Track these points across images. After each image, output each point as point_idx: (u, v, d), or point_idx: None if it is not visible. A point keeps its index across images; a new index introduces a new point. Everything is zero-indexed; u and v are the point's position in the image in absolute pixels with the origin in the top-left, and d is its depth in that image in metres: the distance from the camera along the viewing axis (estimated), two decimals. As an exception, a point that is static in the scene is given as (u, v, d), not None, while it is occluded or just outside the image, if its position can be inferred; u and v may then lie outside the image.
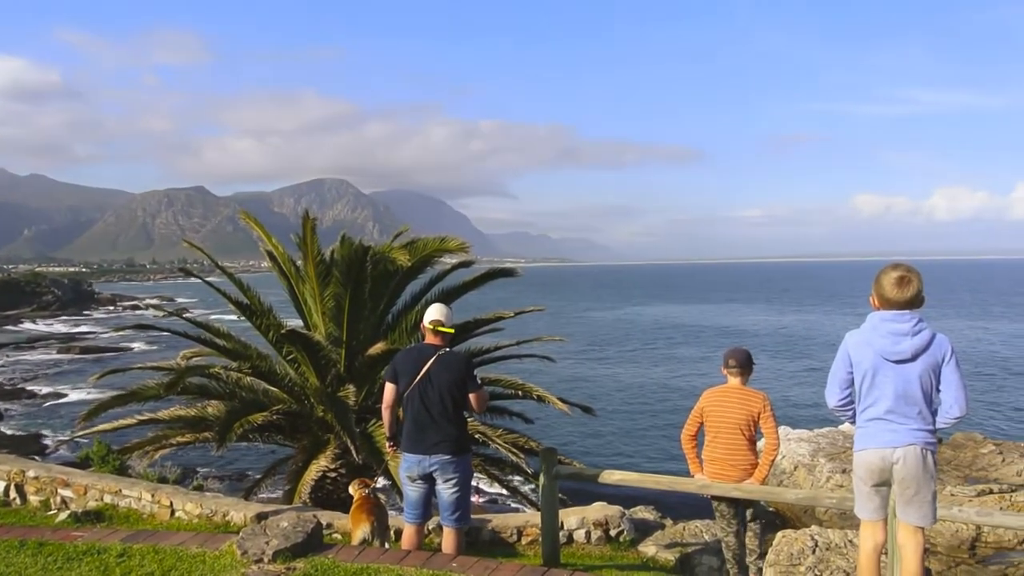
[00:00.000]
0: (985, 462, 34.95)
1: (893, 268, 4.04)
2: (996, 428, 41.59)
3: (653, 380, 56.61)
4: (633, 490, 21.15)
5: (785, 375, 58.19)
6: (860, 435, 4.10)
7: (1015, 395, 51.69)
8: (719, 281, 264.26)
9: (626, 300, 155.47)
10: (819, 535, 8.30)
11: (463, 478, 5.67)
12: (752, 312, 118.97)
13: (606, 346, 76.34)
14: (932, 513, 4.04)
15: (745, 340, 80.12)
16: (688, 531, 8.69)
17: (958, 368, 4.01)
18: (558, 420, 33.25)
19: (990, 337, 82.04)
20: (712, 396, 6.00)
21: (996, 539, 26.91)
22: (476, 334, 12.36)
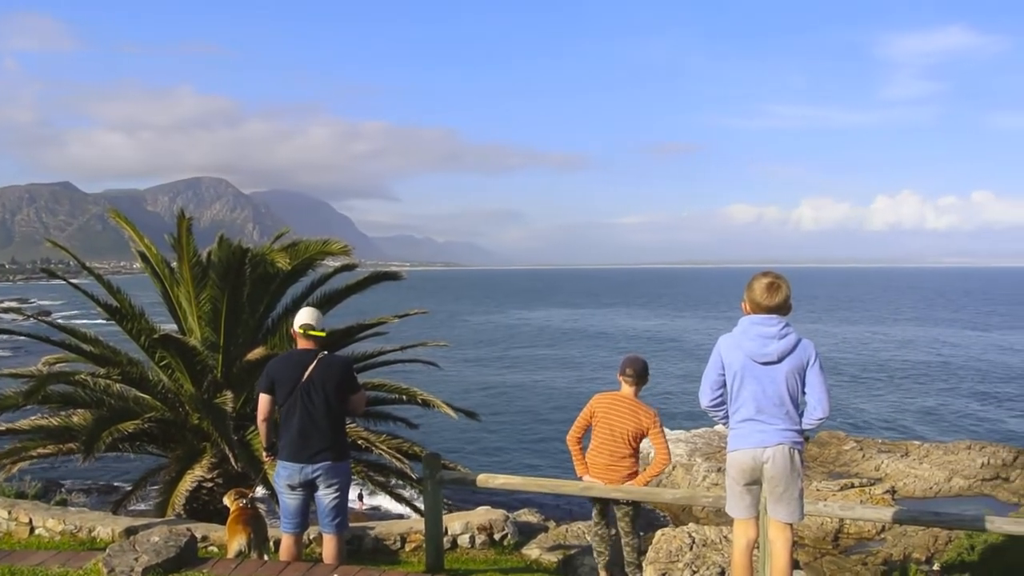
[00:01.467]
0: (847, 458, 37.11)
1: (764, 275, 4.23)
2: (857, 426, 44.14)
3: (537, 384, 57.27)
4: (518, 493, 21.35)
5: (662, 377, 59.91)
6: (732, 436, 4.27)
7: (874, 395, 54.99)
8: (602, 286, 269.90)
9: (511, 304, 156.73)
10: (696, 532, 8.58)
11: (344, 484, 5.58)
12: (632, 316, 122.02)
13: (491, 350, 76.75)
14: (800, 510, 4.23)
15: (625, 343, 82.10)
16: (571, 532, 8.81)
17: (822, 371, 4.22)
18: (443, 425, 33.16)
19: (851, 340, 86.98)
20: (603, 401, 6.03)
21: (857, 530, 28.60)
22: (359, 338, 12.16)
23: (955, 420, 47.07)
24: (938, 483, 33.69)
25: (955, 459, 35.76)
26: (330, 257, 11.58)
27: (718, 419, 4.38)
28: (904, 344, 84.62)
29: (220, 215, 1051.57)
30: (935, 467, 34.95)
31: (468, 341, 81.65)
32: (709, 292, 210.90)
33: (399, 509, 16.93)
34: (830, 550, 26.68)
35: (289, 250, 10.98)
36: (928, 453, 36.80)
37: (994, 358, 73.29)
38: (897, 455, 36.70)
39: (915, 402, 52.54)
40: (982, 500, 31.76)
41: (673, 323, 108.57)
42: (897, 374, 63.65)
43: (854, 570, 24.55)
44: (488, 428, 39.53)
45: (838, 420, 44.44)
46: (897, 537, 26.48)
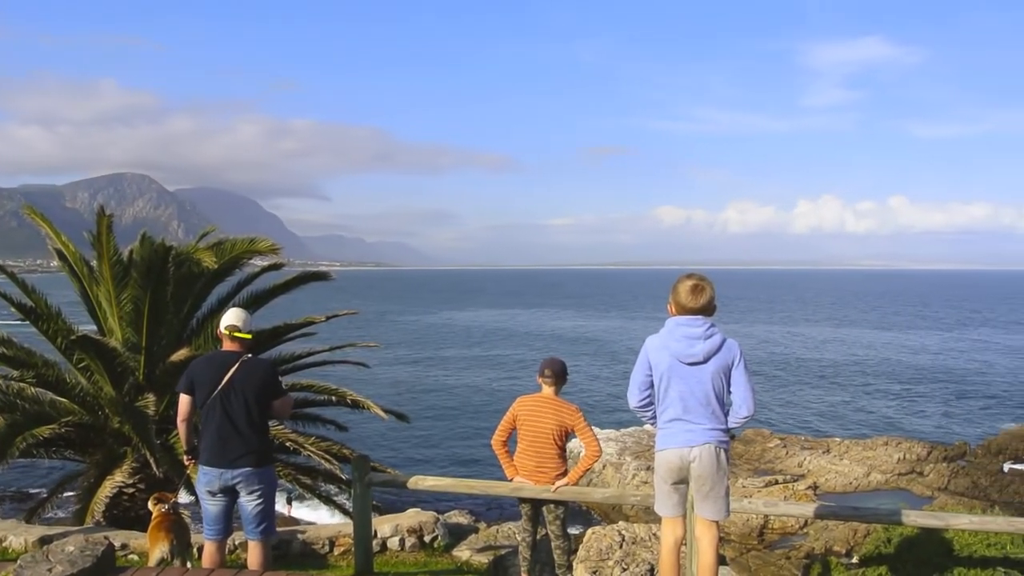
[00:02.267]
0: (772, 455, 38.03)
1: (688, 277, 4.30)
2: (781, 424, 45.29)
3: (467, 384, 57.26)
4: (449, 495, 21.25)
5: (591, 378, 60.53)
6: (660, 436, 4.32)
7: (796, 393, 56.51)
8: (531, 287, 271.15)
9: (441, 305, 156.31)
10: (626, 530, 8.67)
11: (267, 489, 5.45)
12: (560, 317, 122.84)
13: (421, 351, 76.43)
14: (726, 507, 4.31)
15: (553, 343, 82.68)
16: (501, 533, 8.80)
17: (746, 371, 4.30)
18: (374, 427, 32.94)
19: (774, 341, 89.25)
20: (525, 404, 6.04)
21: (781, 525, 29.36)
22: (287, 339, 11.96)
23: (872, 417, 48.69)
24: (857, 478, 34.80)
25: (873, 455, 37.00)
26: (257, 256, 11.36)
27: (646, 419, 4.42)
28: (824, 344, 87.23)
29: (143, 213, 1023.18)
30: (854, 463, 36.10)
31: (398, 341, 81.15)
32: (637, 293, 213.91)
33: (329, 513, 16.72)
34: (756, 545, 27.32)
35: (215, 249, 10.74)
36: (848, 449, 37.99)
37: (907, 358, 76.14)
38: (819, 452, 37.78)
39: (835, 400, 54.18)
40: (899, 494, 32.93)
41: (601, 324, 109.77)
42: (818, 373, 65.56)
43: (778, 564, 25.18)
44: (419, 429, 39.33)
45: (762, 418, 45.55)
46: (819, 531, 27.26)
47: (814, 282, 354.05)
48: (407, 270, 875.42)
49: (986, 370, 67.88)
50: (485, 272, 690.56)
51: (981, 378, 63.38)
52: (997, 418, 48.24)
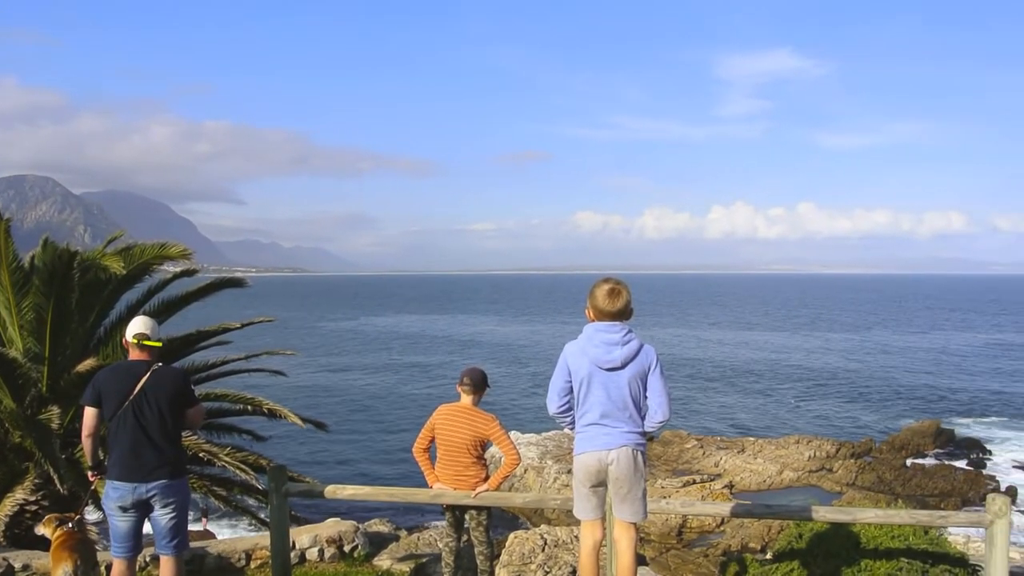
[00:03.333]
0: (689, 456, 38.78)
1: (605, 282, 4.34)
2: (698, 425, 46.26)
3: (387, 391, 56.75)
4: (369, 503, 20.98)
5: (512, 382, 60.74)
6: (579, 440, 4.36)
7: (712, 395, 57.82)
8: (452, 292, 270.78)
9: (360, 311, 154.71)
10: (548, 533, 8.72)
11: (181, 502, 5.28)
12: (481, 322, 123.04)
13: (340, 358, 75.41)
14: (643, 509, 4.37)
15: (474, 349, 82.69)
16: (423, 541, 8.74)
17: (662, 376, 4.37)
18: (292, 436, 32.32)
19: (690, 343, 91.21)
20: (443, 413, 6.10)
21: (699, 524, 29.95)
22: (200, 347, 11.64)
23: (784, 417, 50.20)
24: (771, 476, 35.81)
25: (785, 453, 38.14)
26: (169, 262, 11.02)
27: (565, 425, 4.46)
28: (737, 347, 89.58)
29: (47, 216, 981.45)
30: (768, 461, 37.14)
31: (317, 349, 79.92)
32: (556, 298, 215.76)
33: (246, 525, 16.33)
34: (675, 544, 27.83)
35: (123, 254, 10.36)
36: (762, 448, 39.08)
37: (815, 359, 78.79)
38: (734, 451, 38.76)
39: (748, 401, 55.66)
40: (810, 490, 34.03)
41: (521, 329, 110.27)
42: (731, 375, 67.26)
43: (697, 562, 25.71)
44: (338, 438, 38.78)
45: (680, 420, 46.46)
46: (735, 529, 27.95)
47: (728, 286, 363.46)
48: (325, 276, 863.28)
49: (887, 370, 70.78)
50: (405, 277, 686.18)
51: (883, 377, 66.06)
52: (899, 415, 50.35)
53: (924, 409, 51.92)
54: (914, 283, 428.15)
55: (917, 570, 5.88)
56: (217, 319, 11.84)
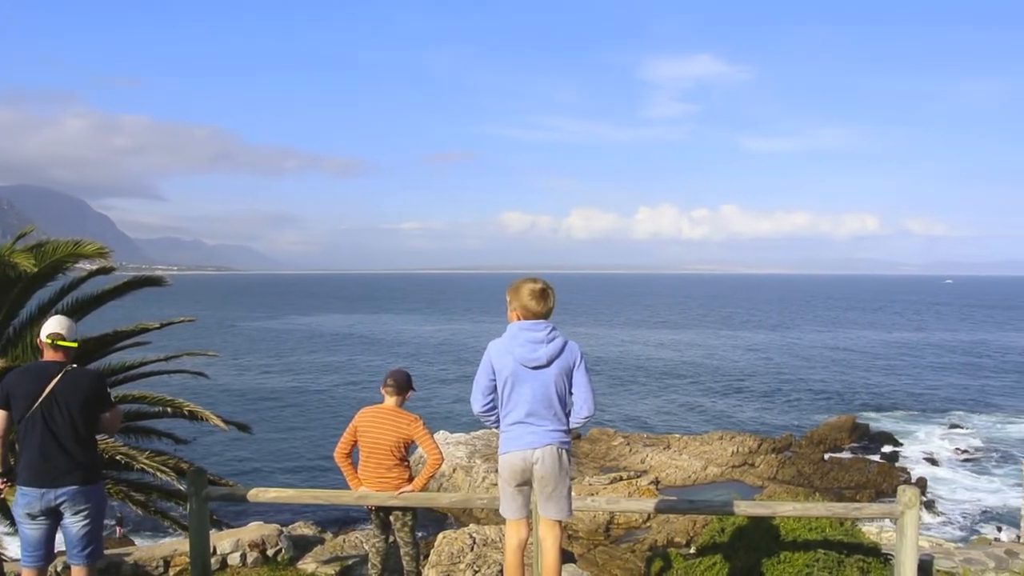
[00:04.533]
0: (616, 453, 39.22)
1: (533, 282, 4.35)
2: (625, 422, 46.85)
3: (312, 392, 55.95)
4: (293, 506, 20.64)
5: (439, 381, 60.57)
6: (504, 439, 4.36)
7: (639, 392, 58.65)
8: (379, 291, 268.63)
9: (286, 310, 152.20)
10: (477, 532, 8.72)
11: (95, 509, 5.09)
12: (409, 322, 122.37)
13: (265, 358, 74.05)
14: (568, 507, 4.40)
15: (400, 349, 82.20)
16: (348, 543, 8.65)
17: (587, 373, 4.41)
18: (215, 439, 31.62)
19: (616, 342, 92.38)
20: (366, 415, 6.06)
21: (626, 520, 30.33)
22: (117, 348, 11.26)
23: (708, 413, 51.24)
24: (696, 472, 36.52)
25: (709, 449, 38.94)
26: (84, 260, 10.63)
27: (490, 424, 4.46)
28: (662, 345, 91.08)
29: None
30: (693, 457, 37.87)
31: (240, 349, 78.33)
32: (483, 297, 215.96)
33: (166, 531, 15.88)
34: (602, 540, 28.15)
35: (35, 251, 9.95)
36: (687, 445, 39.81)
37: (737, 357, 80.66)
38: (660, 448, 39.40)
39: (674, 398, 56.64)
40: (733, 485, 34.80)
41: (448, 328, 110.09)
42: (657, 373, 68.34)
43: (624, 558, 26.04)
44: (262, 440, 38.08)
45: (607, 418, 47.01)
46: (661, 524, 28.41)
47: (653, 286, 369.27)
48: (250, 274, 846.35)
49: (806, 367, 72.95)
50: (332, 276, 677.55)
51: (802, 374, 68.04)
52: (817, 411, 51.92)
53: (840, 405, 53.66)
54: (832, 283, 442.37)
55: (833, 561, 6.06)
56: (135, 319, 11.48)
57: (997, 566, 6.86)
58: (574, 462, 36.37)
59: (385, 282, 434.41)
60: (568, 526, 28.34)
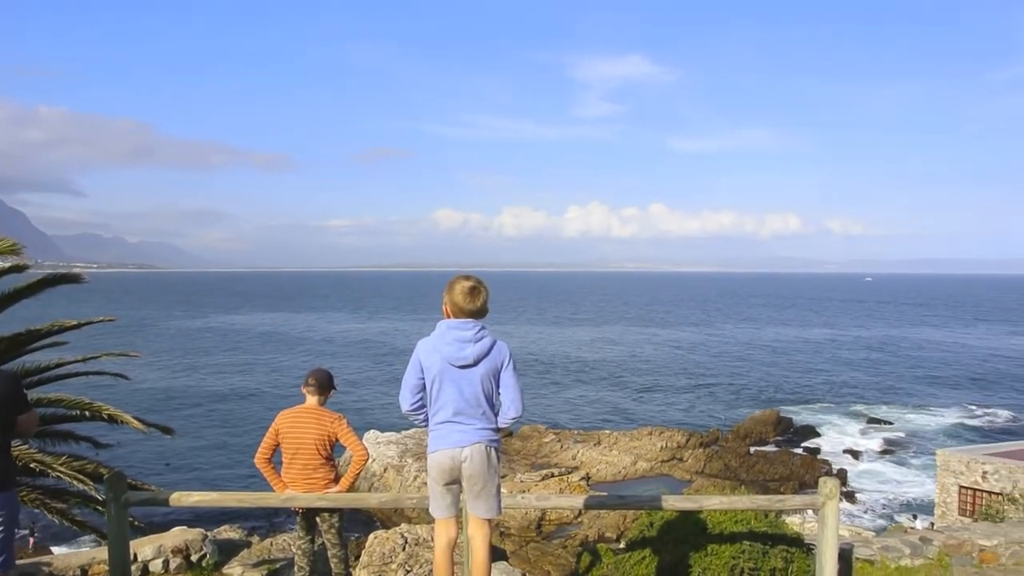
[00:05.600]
0: (548, 449, 39.43)
1: (466, 279, 4.32)
2: (556, 419, 47.13)
3: (239, 392, 54.90)
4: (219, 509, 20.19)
5: (369, 380, 60.11)
6: (432, 437, 4.32)
7: (570, 389, 59.08)
8: (308, 290, 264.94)
9: (211, 309, 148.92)
10: (408, 532, 8.65)
11: (8, 517, 4.89)
12: (338, 321, 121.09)
13: (189, 358, 72.33)
14: (497, 505, 4.38)
15: (329, 348, 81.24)
16: (276, 546, 8.50)
17: (515, 372, 4.40)
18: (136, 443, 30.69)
19: (546, 339, 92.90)
20: (287, 417, 5.95)
21: (558, 516, 30.52)
22: (31, 349, 10.84)
23: (638, 409, 51.98)
24: (626, 467, 37.02)
25: (639, 444, 39.51)
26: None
27: (418, 422, 4.41)
28: (592, 342, 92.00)
29: None
30: (623, 453, 38.36)
31: (162, 349, 76.31)
32: (414, 295, 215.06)
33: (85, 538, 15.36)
34: (534, 537, 28.31)
35: (-59, 249, 9.52)
36: (617, 441, 40.32)
37: (665, 353, 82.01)
38: (591, 444, 39.81)
39: (604, 395, 57.27)
40: (662, 479, 35.39)
41: (378, 327, 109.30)
42: (587, 370, 69.02)
43: (556, 553, 26.24)
44: (186, 442, 37.18)
45: (538, 415, 47.26)
46: (592, 519, 28.73)
47: (582, 284, 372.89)
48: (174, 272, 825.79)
49: (732, 363, 74.61)
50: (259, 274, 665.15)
51: (728, 370, 69.56)
52: (743, 405, 53.13)
53: (765, 399, 55.02)
54: (757, 281, 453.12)
55: (758, 552, 6.20)
56: (51, 318, 11.07)
57: (912, 552, 7.11)
58: (505, 459, 36.47)
59: (314, 280, 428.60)
60: (500, 524, 28.41)
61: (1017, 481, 24.00)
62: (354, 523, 26.24)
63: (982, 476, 25.24)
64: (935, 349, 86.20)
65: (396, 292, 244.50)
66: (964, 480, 25.70)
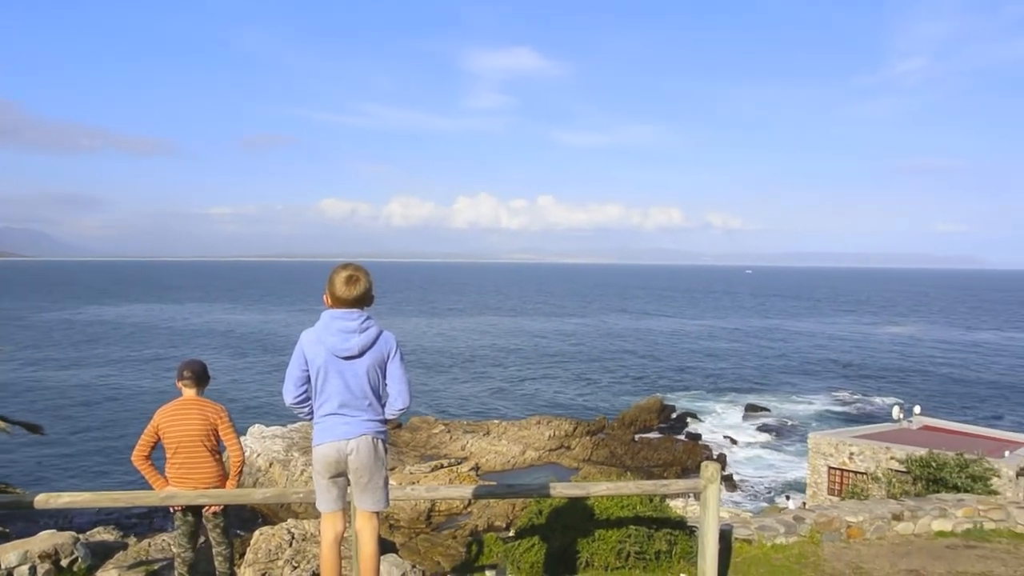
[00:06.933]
0: (437, 440, 39.39)
1: (343, 268, 4.22)
2: (445, 410, 47.12)
3: (114, 387, 52.55)
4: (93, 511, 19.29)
5: (255, 373, 58.57)
6: (317, 430, 4.22)
7: (458, 380, 59.16)
8: (189, 280, 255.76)
9: (84, 300, 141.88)
10: (296, 527, 8.47)
11: None
12: (220, 311, 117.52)
13: (60, 352, 68.68)
14: (385, 497, 4.33)
15: (210, 340, 78.73)
16: (155, 547, 8.18)
17: (402, 363, 4.33)
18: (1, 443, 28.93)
19: (434, 330, 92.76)
20: (167, 412, 5.70)
21: (448, 507, 30.53)
22: None
23: (526, 399, 52.54)
24: (515, 456, 37.37)
25: (528, 434, 39.94)
26: None
27: (303, 416, 4.31)
28: (479, 332, 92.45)
29: None
30: (512, 442, 38.71)
31: (30, 343, 72.12)
32: (299, 285, 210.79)
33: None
34: (424, 528, 28.25)
35: None
36: (506, 430, 40.64)
37: (552, 342, 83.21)
38: (480, 434, 40.00)
39: (493, 385, 57.63)
40: (551, 468, 35.91)
41: (262, 318, 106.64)
42: (475, 360, 69.30)
43: (446, 544, 26.28)
44: (55, 441, 35.31)
45: (427, 406, 47.14)
46: (482, 509, 28.89)
47: (471, 275, 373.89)
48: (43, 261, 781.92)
49: (617, 352, 76.40)
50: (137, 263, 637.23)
51: (613, 359, 71.20)
52: (628, 393, 54.49)
53: (649, 387, 56.57)
54: (641, 272, 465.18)
55: (643, 535, 6.37)
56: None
57: (787, 531, 7.45)
58: (395, 451, 36.23)
59: (195, 269, 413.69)
60: (389, 516, 28.23)
61: (880, 461, 25.53)
62: (238, 520, 25.57)
63: (849, 457, 26.72)
64: (806, 339, 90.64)
65: (281, 282, 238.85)
66: (833, 461, 27.14)
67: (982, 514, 8.07)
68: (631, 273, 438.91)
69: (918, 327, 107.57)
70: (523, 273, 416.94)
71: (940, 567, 6.94)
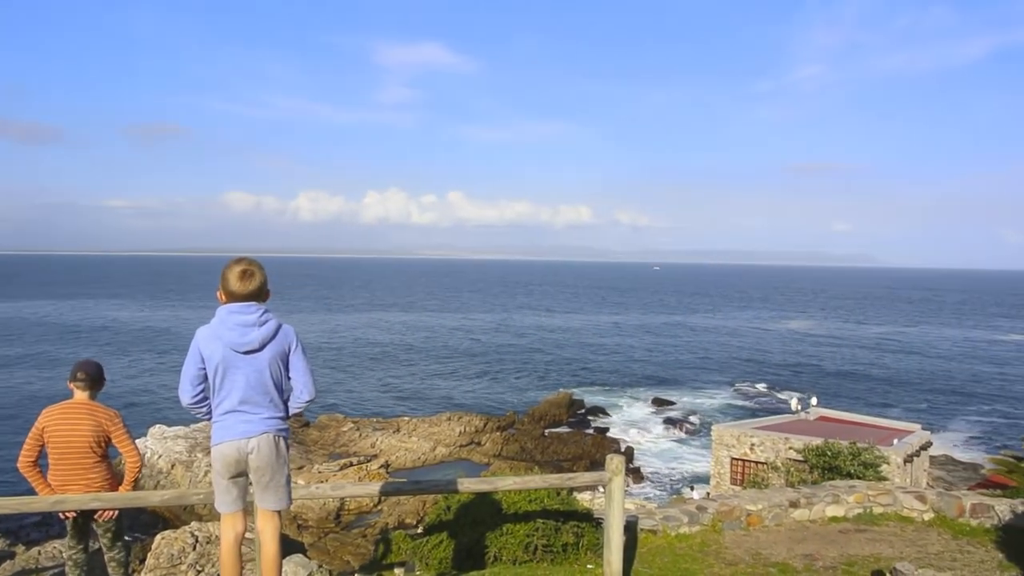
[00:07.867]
0: (346, 438, 38.90)
1: (237, 263, 4.11)
2: (354, 408, 46.56)
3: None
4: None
5: (151, 373, 56.66)
6: (216, 429, 4.09)
7: (367, 377, 58.56)
8: (82, 276, 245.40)
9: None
10: (199, 530, 8.22)
11: None
12: (116, 308, 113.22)
13: (-60, 352, 64.86)
14: (287, 496, 4.24)
15: (106, 338, 75.80)
16: (45, 554, 7.83)
17: (304, 355, 4.25)
18: None
19: (343, 326, 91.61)
20: (53, 414, 5.44)
21: (357, 506, 30.17)
22: None
23: (436, 395, 52.40)
24: (425, 453, 37.21)
25: (438, 430, 39.85)
26: None
27: (201, 416, 4.17)
28: (388, 328, 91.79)
29: None
30: (422, 439, 38.55)
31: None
32: (203, 281, 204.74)
33: None
34: (333, 528, 27.85)
35: None
36: (416, 427, 40.46)
37: (462, 339, 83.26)
38: (390, 432, 39.70)
39: (402, 381, 57.27)
40: (461, 464, 35.93)
41: (162, 314, 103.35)
42: (384, 356, 68.73)
43: (356, 543, 25.98)
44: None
45: (335, 403, 46.51)
46: (392, 507, 28.68)
47: (381, 270, 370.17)
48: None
49: (525, 347, 76.95)
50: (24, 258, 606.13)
51: (522, 354, 71.72)
52: (537, 388, 54.95)
53: (558, 382, 57.18)
54: (551, 269, 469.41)
55: (551, 528, 6.44)
56: None
57: (690, 521, 7.66)
58: (303, 450, 35.61)
59: (89, 264, 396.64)
60: (297, 516, 27.73)
61: (779, 451, 26.46)
62: (138, 525, 24.68)
63: (750, 448, 27.61)
64: (710, 334, 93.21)
65: (182, 277, 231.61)
66: (735, 452, 28.00)
67: (872, 499, 8.47)
68: (540, 270, 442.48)
69: (814, 322, 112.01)
70: (433, 269, 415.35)
71: (833, 551, 7.25)
